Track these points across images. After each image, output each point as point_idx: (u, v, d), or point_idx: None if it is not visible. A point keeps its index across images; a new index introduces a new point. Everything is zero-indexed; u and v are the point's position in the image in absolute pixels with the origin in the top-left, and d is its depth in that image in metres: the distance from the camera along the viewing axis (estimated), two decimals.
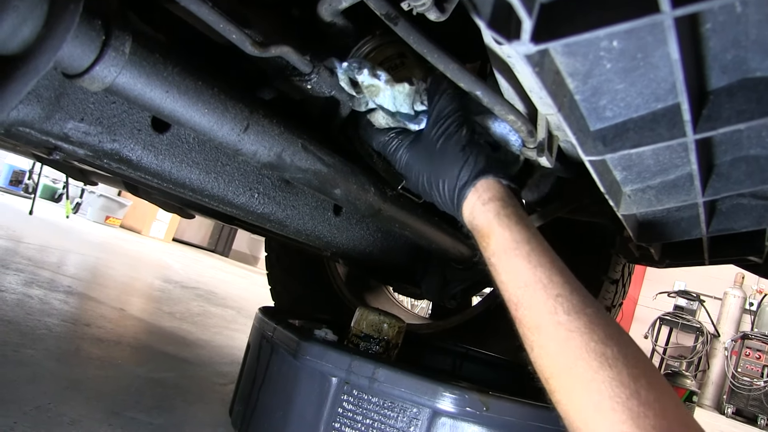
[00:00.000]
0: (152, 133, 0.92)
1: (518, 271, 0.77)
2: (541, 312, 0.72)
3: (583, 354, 0.68)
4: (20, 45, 0.61)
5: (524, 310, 0.75)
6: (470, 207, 0.87)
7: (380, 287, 2.72)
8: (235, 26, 0.83)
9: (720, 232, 1.11)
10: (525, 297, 0.75)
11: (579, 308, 0.71)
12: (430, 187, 0.94)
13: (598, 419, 0.64)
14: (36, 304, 2.26)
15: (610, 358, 0.67)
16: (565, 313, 0.71)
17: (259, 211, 1.14)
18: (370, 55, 1.01)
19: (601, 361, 0.66)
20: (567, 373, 0.68)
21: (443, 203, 0.94)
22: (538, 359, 0.73)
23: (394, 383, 0.99)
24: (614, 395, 0.64)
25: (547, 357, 0.71)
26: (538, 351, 0.72)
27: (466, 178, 0.88)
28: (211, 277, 6.33)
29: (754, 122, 0.69)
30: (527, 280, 0.75)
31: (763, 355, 8.00)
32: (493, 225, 0.82)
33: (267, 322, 1.25)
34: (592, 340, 0.68)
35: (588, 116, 0.79)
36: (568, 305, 0.71)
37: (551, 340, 0.71)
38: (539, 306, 0.73)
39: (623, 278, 2.13)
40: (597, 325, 0.70)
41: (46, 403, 1.33)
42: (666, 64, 0.67)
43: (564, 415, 0.69)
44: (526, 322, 0.74)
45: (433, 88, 0.95)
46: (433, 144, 0.92)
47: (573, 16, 0.57)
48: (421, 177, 0.95)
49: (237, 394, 1.38)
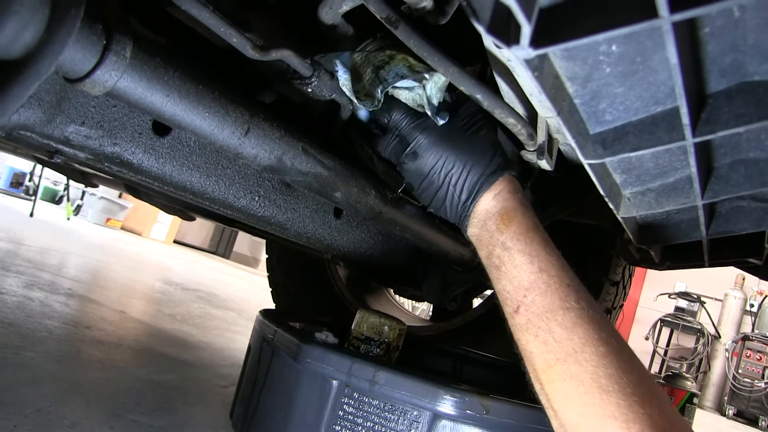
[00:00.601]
0: (153, 137, 0.92)
1: (537, 253, 0.79)
2: (554, 296, 0.74)
3: (591, 340, 0.70)
4: (22, 50, 0.61)
5: (535, 295, 0.76)
6: (494, 196, 0.88)
7: (381, 289, 2.72)
8: (236, 30, 0.84)
9: (720, 234, 1.11)
10: (539, 281, 0.76)
11: (587, 300, 0.74)
12: (446, 172, 0.91)
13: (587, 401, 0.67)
14: (36, 307, 2.26)
15: (615, 348, 0.70)
16: (575, 301, 0.73)
17: (260, 214, 1.14)
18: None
19: (608, 349, 0.69)
20: (573, 357, 0.69)
21: (454, 191, 0.91)
22: (539, 346, 0.74)
23: (394, 386, 0.99)
24: (614, 380, 0.67)
25: (552, 343, 0.72)
26: (544, 337, 0.73)
27: (494, 168, 0.89)
28: (212, 279, 6.34)
29: (752, 126, 0.70)
30: (543, 265, 0.77)
31: (764, 357, 7.99)
32: (519, 210, 0.84)
33: (268, 324, 1.25)
34: (600, 329, 0.71)
35: (587, 120, 0.79)
36: (576, 295, 0.74)
37: (559, 326, 0.72)
38: (552, 291, 0.75)
39: (624, 280, 2.13)
40: (602, 318, 0.73)
41: (46, 405, 1.33)
42: (665, 68, 0.67)
43: (551, 403, 0.72)
44: (534, 308, 0.75)
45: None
46: (460, 133, 0.92)
47: (572, 21, 0.57)
48: (440, 160, 0.92)
49: (238, 396, 1.39)
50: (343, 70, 0.95)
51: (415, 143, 0.94)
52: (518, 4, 0.51)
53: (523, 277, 0.78)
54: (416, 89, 0.92)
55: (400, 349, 1.42)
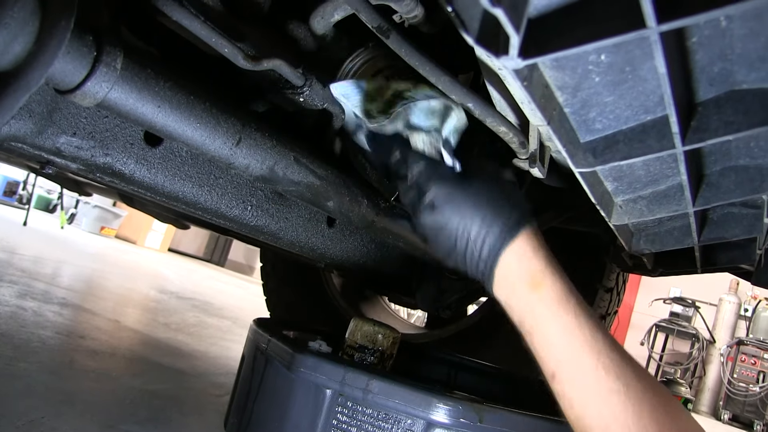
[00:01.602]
0: (145, 147, 0.92)
1: (565, 326, 0.77)
2: (585, 368, 0.74)
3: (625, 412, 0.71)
4: (11, 61, 0.61)
5: (569, 369, 0.76)
6: (518, 253, 0.81)
7: (376, 297, 2.72)
8: (228, 40, 0.84)
9: (712, 240, 1.12)
10: (573, 357, 0.75)
11: (619, 366, 0.73)
12: (465, 227, 0.84)
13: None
14: (30, 317, 2.25)
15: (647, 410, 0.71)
16: (604, 370, 0.73)
17: (253, 223, 1.14)
18: (362, 68, 1.01)
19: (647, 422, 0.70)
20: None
21: (474, 247, 0.84)
22: (574, 415, 0.75)
23: (388, 395, 0.99)
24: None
25: (586, 419, 0.73)
26: (579, 412, 0.74)
27: (515, 220, 0.82)
28: (206, 287, 6.32)
29: (742, 134, 0.70)
30: (576, 339, 0.76)
31: (759, 361, 8.01)
32: (546, 274, 0.79)
33: (261, 334, 1.25)
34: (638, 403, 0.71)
35: (578, 128, 0.79)
36: (608, 362, 0.73)
37: (592, 396, 0.73)
38: (584, 363, 0.74)
39: (618, 286, 2.13)
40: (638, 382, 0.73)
41: (39, 417, 1.32)
42: (654, 77, 0.68)
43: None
44: (569, 383, 0.75)
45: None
46: (477, 180, 0.85)
47: (561, 31, 0.57)
48: (458, 213, 0.84)
49: (231, 405, 1.38)
50: (356, 91, 0.93)
51: (431, 194, 0.86)
52: (507, 15, 0.51)
53: (556, 350, 0.77)
54: (433, 133, 0.90)
55: (395, 357, 1.42)
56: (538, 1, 0.57)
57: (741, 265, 1.31)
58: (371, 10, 0.82)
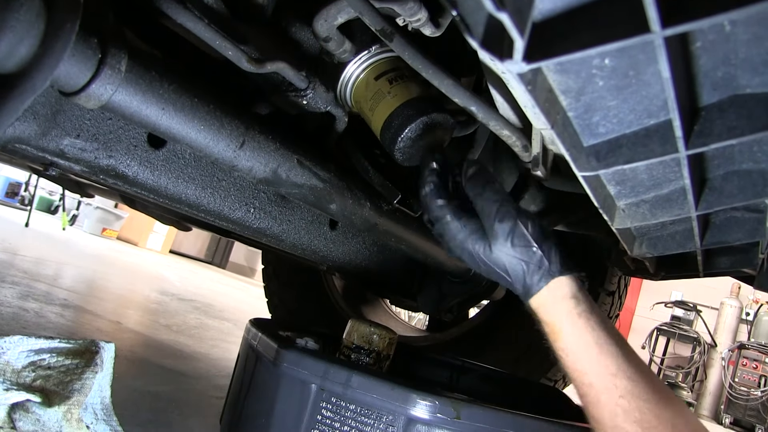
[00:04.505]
0: (148, 150, 0.92)
1: (586, 371, 0.80)
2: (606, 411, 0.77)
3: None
4: (17, 64, 0.61)
5: (592, 407, 0.79)
6: (540, 302, 0.84)
7: (377, 300, 2.72)
8: (231, 42, 0.84)
9: (714, 245, 1.12)
10: (591, 394, 0.79)
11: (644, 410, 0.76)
12: (497, 275, 0.87)
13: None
14: (32, 318, 2.25)
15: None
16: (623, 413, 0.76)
17: (255, 226, 1.15)
18: (366, 70, 1.02)
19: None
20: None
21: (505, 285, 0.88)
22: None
23: (367, 390, 0.99)
24: None
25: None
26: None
27: (536, 279, 0.83)
28: (208, 289, 6.32)
29: (745, 138, 0.70)
30: (594, 380, 0.79)
31: (760, 365, 7.99)
32: (564, 324, 0.81)
33: (252, 331, 1.26)
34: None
35: (581, 132, 0.79)
36: (628, 405, 0.76)
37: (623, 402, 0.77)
38: (607, 404, 0.77)
39: (619, 290, 2.13)
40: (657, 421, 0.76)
41: None
42: (657, 81, 0.68)
43: None
44: (592, 412, 0.80)
45: (478, 176, 0.88)
46: (498, 238, 0.84)
47: (565, 36, 0.57)
48: (483, 267, 0.87)
49: (227, 402, 1.39)
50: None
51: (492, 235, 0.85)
52: (511, 19, 0.52)
53: (579, 382, 0.82)
54: None
55: (392, 358, 1.42)
56: (542, 6, 0.57)
57: (743, 269, 1.31)
58: (375, 13, 0.82)
